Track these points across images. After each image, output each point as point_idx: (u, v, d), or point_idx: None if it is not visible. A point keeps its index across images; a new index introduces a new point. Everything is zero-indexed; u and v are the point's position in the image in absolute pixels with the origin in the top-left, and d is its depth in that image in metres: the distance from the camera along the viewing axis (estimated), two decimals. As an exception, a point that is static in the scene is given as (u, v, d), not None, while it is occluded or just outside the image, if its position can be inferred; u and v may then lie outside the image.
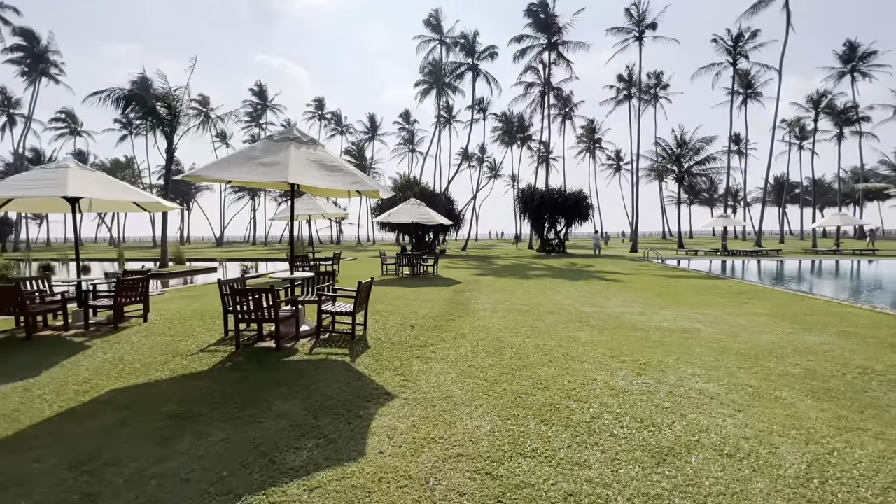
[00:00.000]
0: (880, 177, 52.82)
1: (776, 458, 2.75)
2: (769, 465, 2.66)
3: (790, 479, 2.51)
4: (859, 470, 2.62)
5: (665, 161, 40.42)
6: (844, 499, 2.34)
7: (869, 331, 6.15)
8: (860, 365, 4.63)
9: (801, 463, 2.70)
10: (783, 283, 13.10)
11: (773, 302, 8.72)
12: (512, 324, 6.87)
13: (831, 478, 2.53)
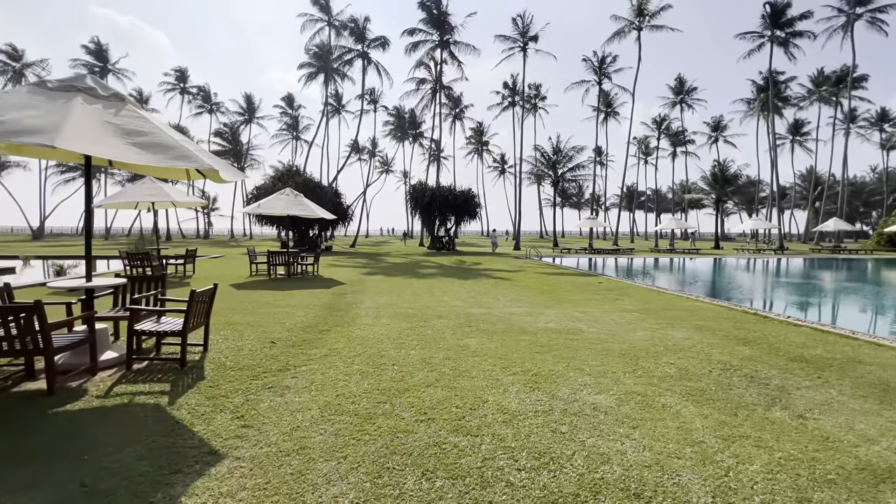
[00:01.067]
0: (699, 189, 65.42)
1: (682, 492, 2.42)
2: None
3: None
4: (758, 494, 2.42)
5: (543, 166, 43.98)
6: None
7: (715, 323, 6.85)
8: (719, 360, 4.92)
9: (706, 494, 2.41)
10: (642, 279, 14.77)
11: (638, 297, 9.49)
12: (396, 332, 6.08)
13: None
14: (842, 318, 9.00)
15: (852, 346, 5.55)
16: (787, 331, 6.35)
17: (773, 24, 38.00)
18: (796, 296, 12.20)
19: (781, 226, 42.46)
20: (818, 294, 12.87)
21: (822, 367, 4.68)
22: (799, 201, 68.29)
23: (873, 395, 3.93)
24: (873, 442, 3.06)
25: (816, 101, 52.11)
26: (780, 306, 10.18)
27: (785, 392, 3.98)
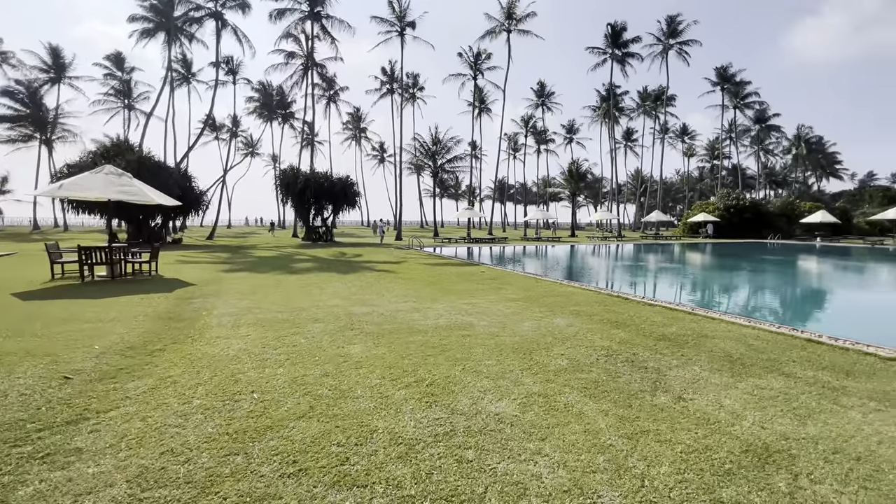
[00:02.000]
0: (558, 184, 73.86)
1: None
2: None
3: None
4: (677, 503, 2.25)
5: (423, 156, 44.30)
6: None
7: (589, 308, 7.29)
8: (602, 346, 5.07)
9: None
10: (518, 267, 15.60)
11: (518, 286, 9.78)
12: (260, 345, 4.94)
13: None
14: (679, 296, 10.63)
15: (696, 321, 6.36)
16: (647, 311, 7.05)
17: (614, 43, 44.32)
18: (641, 277, 14.23)
19: (620, 217, 50.54)
20: (656, 274, 15.24)
21: (681, 344, 5.15)
22: (629, 196, 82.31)
23: (725, 367, 4.37)
24: (741, 417, 3.27)
25: (642, 113, 62.91)
26: (633, 287, 11.63)
27: (661, 374, 4.17)
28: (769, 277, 14.46)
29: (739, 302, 10.09)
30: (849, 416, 3.29)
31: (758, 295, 11.14)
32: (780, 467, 2.59)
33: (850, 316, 9.03)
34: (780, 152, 70.88)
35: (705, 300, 10.10)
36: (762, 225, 40.55)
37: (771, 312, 8.88)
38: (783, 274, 15.54)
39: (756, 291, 11.68)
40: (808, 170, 71.52)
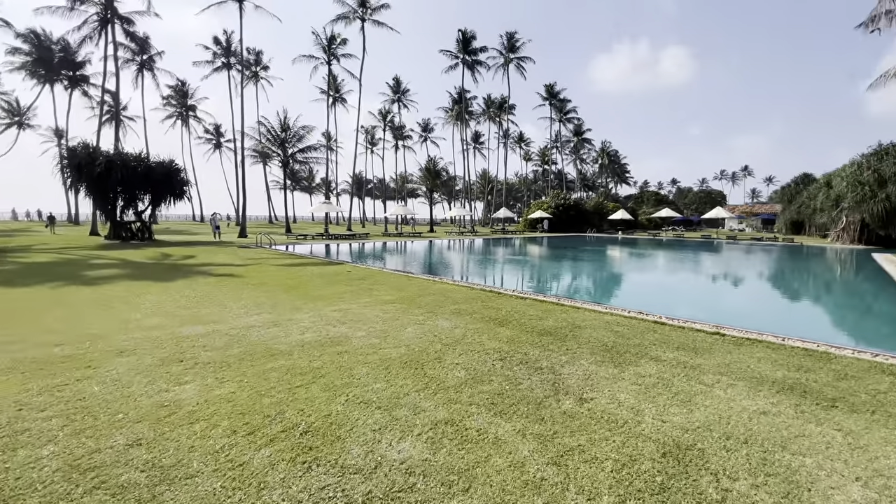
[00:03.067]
0: (415, 180, 75.47)
1: None
2: None
3: None
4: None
5: (270, 143, 39.64)
6: None
7: (468, 305, 7.08)
8: (493, 349, 4.78)
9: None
10: (385, 264, 14.89)
11: (391, 285, 9.11)
12: (13, 409, 3.14)
13: None
14: (541, 286, 11.43)
15: (565, 311, 6.69)
16: (521, 305, 7.18)
17: (465, 49, 47.00)
18: (504, 269, 15.08)
19: (473, 213, 54.27)
20: (516, 266, 16.39)
21: (562, 338, 5.22)
22: (479, 195, 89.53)
23: (606, 358, 4.51)
24: (640, 412, 3.25)
25: (487, 118, 68.68)
26: (501, 280, 12.12)
27: (556, 374, 4.04)
28: (598, 265, 17.02)
29: (588, 288, 11.41)
30: (715, 395, 3.58)
31: (598, 281, 12.85)
32: (699, 468, 2.53)
33: (667, 296, 11.01)
34: (590, 161, 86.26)
35: (563, 289, 11.10)
36: (582, 221, 48.55)
37: (615, 296, 10.22)
38: (605, 261, 18.53)
39: (596, 278, 13.48)
40: (609, 177, 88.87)
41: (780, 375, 4.04)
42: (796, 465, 2.56)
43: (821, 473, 2.48)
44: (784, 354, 4.67)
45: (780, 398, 3.53)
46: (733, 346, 4.95)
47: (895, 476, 2.46)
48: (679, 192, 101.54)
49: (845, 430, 3.00)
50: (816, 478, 2.44)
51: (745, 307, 9.74)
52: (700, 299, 10.56)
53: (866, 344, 5.73)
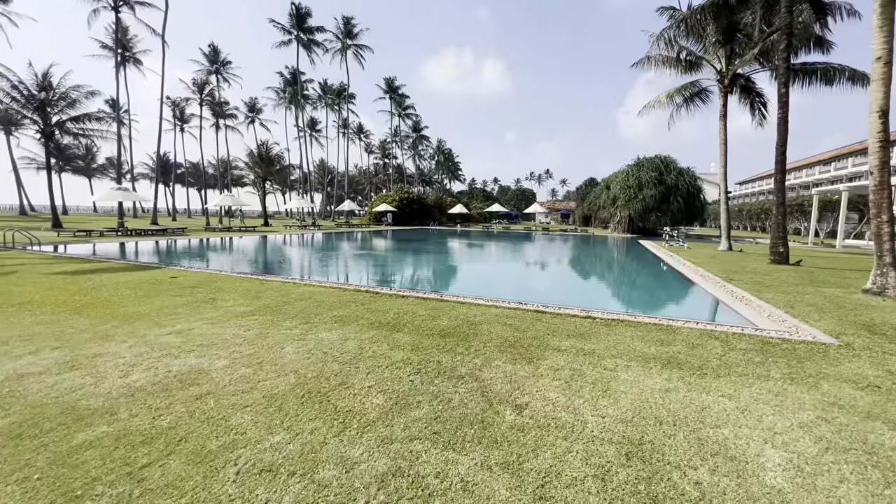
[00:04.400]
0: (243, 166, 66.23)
1: None
2: None
3: None
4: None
5: (19, 105, 28.73)
6: None
7: (348, 310, 6.21)
8: (401, 360, 4.18)
9: None
10: (222, 265, 12.29)
11: (239, 292, 7.43)
12: None
13: None
14: (413, 282, 11.05)
15: (454, 307, 6.49)
16: (405, 304, 6.68)
17: (299, 25, 43.01)
18: (367, 264, 14.20)
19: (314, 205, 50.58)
20: (377, 262, 15.64)
21: (467, 338, 4.97)
22: (317, 186, 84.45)
23: (516, 355, 4.42)
24: (579, 412, 3.19)
25: (325, 105, 64.95)
26: (368, 277, 11.28)
27: (479, 381, 3.73)
28: (455, 257, 17.75)
29: (460, 281, 11.60)
30: (623, 380, 3.82)
31: (465, 273, 13.27)
32: (664, 463, 2.53)
33: (523, 282, 12.02)
34: (428, 158, 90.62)
35: (435, 283, 10.99)
36: (424, 214, 50.57)
37: (487, 287, 10.62)
38: (460, 253, 19.52)
39: (460, 270, 13.90)
40: (444, 173, 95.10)
41: (654, 351, 4.62)
42: (722, 439, 2.82)
43: (740, 443, 2.77)
44: (643, 331, 5.42)
45: (668, 374, 3.98)
46: (606, 328, 5.52)
47: (785, 431, 2.93)
48: (501, 189, 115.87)
49: (726, 395, 3.52)
50: (743, 448, 2.71)
51: (584, 288, 11.40)
52: (553, 283, 11.93)
53: (671, 309, 7.24)
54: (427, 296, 7.32)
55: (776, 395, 3.55)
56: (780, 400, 3.44)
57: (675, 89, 20.88)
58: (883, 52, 7.69)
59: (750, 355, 4.54)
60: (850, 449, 2.72)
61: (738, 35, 17.46)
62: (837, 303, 7.38)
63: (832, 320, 6.16)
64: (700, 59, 18.74)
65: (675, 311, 8.09)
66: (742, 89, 19.24)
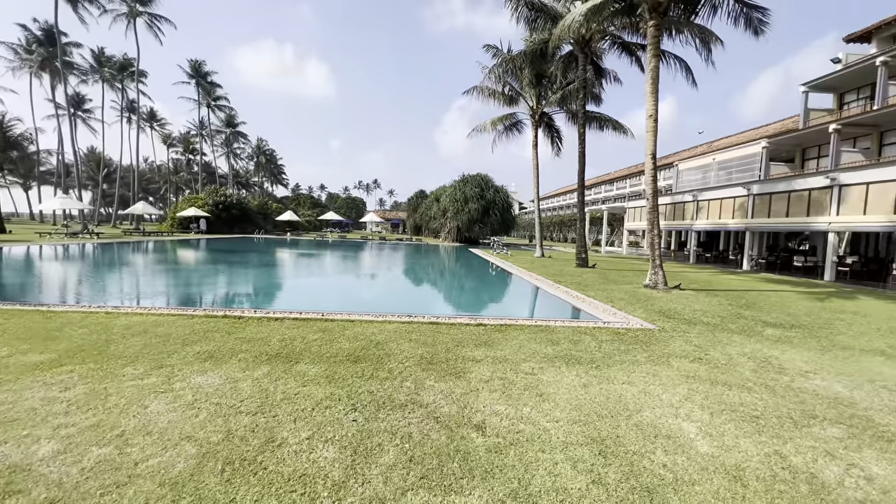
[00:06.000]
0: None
1: None
2: None
3: None
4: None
5: None
6: None
7: (214, 344, 4.91)
8: (328, 398, 3.54)
9: None
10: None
11: (14, 334, 5.05)
12: None
13: None
14: (267, 300, 9.44)
15: (343, 327, 5.87)
16: (285, 328, 5.70)
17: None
18: (199, 283, 11.48)
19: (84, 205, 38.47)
20: (208, 277, 12.82)
21: (379, 360, 4.56)
22: (87, 182, 65.15)
23: (441, 372, 4.29)
24: (534, 420, 3.30)
25: (102, 80, 50.82)
26: (214, 299, 9.14)
27: (425, 406, 3.47)
28: (300, 269, 16.14)
29: (322, 295, 10.51)
30: (549, 382, 4.13)
31: (323, 286, 12.10)
32: (632, 454, 2.82)
33: (384, 293, 11.71)
34: (245, 158, 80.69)
35: (296, 300, 9.68)
36: (246, 221, 44.75)
37: (351, 300, 9.89)
38: (304, 264, 17.87)
39: (316, 283, 12.64)
40: (265, 176, 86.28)
41: (551, 351, 5.16)
42: (650, 421, 3.33)
43: (662, 422, 3.33)
44: (531, 333, 6.00)
45: (574, 370, 4.49)
46: (500, 334, 5.90)
47: (680, 405, 3.65)
48: (330, 197, 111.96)
49: (625, 382, 4.19)
50: (668, 426, 3.25)
51: (451, 295, 11.91)
52: (421, 292, 12.03)
53: (531, 310, 8.30)
54: (306, 316, 6.43)
55: (654, 375, 4.41)
56: (658, 380, 4.29)
57: (498, 118, 24.14)
58: (652, 111, 10.61)
59: (616, 345, 5.53)
60: (723, 411, 3.58)
61: (544, 81, 21.38)
62: (635, 296, 9.72)
63: (642, 310, 8.07)
64: (519, 94, 22.18)
65: (538, 312, 9.25)
66: (546, 125, 23.59)
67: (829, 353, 5.54)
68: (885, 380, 4.58)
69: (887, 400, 3.99)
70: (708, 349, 5.52)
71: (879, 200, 14.36)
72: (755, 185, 19.80)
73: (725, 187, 22.13)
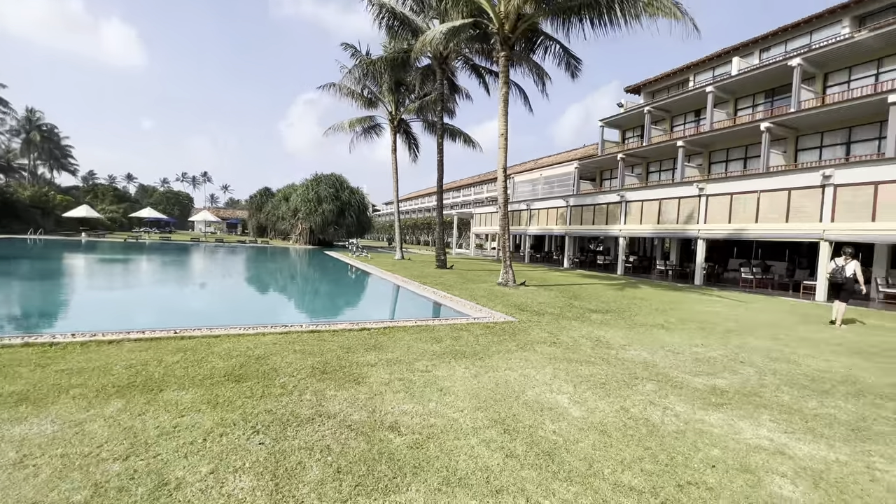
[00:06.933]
0: None
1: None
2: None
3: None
4: None
5: None
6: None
7: (33, 378, 3.70)
8: (214, 425, 3.11)
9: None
10: None
11: None
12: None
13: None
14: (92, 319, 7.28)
15: (206, 343, 5.12)
16: (132, 353, 4.65)
17: None
18: None
19: None
20: None
21: (267, 376, 4.18)
22: None
23: (343, 382, 4.20)
24: (446, 414, 3.56)
25: None
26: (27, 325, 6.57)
27: (334, 417, 3.40)
28: (125, 278, 13.00)
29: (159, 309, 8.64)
30: (443, 376, 4.45)
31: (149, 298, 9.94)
32: (530, 428, 3.30)
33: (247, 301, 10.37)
34: (7, 132, 60.33)
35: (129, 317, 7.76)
36: (12, 217, 33.67)
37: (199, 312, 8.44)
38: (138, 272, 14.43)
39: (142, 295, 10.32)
40: (41, 159, 66.09)
41: (437, 348, 5.52)
42: (534, 399, 3.93)
43: (544, 398, 3.97)
44: (414, 333, 6.27)
45: (463, 363, 4.93)
46: (385, 337, 6.01)
47: (552, 382, 4.38)
48: (143, 190, 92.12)
49: (507, 369, 4.80)
50: (549, 401, 3.89)
51: (316, 298, 11.23)
52: (282, 298, 10.98)
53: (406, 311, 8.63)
54: (155, 335, 5.36)
55: (526, 360, 5.16)
56: (530, 364, 5.05)
57: (357, 119, 23.89)
58: (503, 130, 12.13)
59: (490, 338, 6.23)
60: (581, 382, 4.46)
61: (402, 89, 22.08)
62: (493, 293, 10.97)
63: (501, 305, 9.18)
64: (378, 99, 22.35)
65: (415, 313, 9.55)
66: (405, 132, 24.36)
67: (634, 330, 7.33)
68: (669, 346, 6.33)
69: (673, 360, 5.55)
70: (558, 334, 6.69)
71: (649, 214, 19.33)
72: (571, 198, 24.32)
73: (550, 199, 26.54)
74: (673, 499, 2.47)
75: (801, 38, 20.35)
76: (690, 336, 7.07)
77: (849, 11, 18.56)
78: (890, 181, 11.79)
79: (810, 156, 18.59)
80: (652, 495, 2.49)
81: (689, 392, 4.32)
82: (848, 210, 12.56)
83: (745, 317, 9.40)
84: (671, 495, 2.50)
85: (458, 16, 12.41)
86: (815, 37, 19.74)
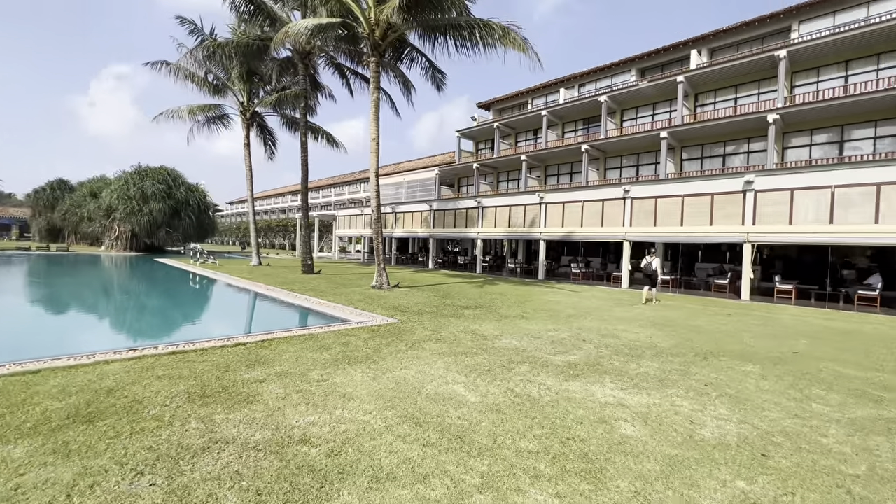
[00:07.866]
0: None
1: None
2: None
3: None
4: None
5: None
6: None
7: None
8: (77, 475, 2.55)
9: None
10: None
11: None
12: None
13: None
14: None
15: (31, 382, 4.00)
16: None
17: None
18: None
19: None
20: None
21: (130, 411, 3.54)
22: None
23: (233, 403, 3.83)
24: (356, 418, 3.61)
25: None
26: None
27: (237, 442, 3.14)
28: None
29: None
30: (342, 382, 4.44)
31: None
32: (435, 417, 3.59)
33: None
34: None
35: None
36: None
37: None
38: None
39: None
40: None
41: (328, 356, 5.40)
42: (434, 391, 4.24)
43: (443, 389, 4.32)
44: (297, 343, 5.99)
45: (360, 367, 4.96)
46: (267, 351, 5.60)
47: (446, 375, 4.76)
48: None
49: (402, 367, 5.01)
50: (449, 391, 4.25)
51: (172, 315, 9.43)
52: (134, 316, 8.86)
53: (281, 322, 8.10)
54: None
55: (418, 358, 5.46)
56: (423, 361, 5.36)
57: (199, 107, 20.83)
58: (375, 135, 12.24)
59: (378, 341, 6.34)
60: (470, 371, 4.96)
61: (256, 79, 20.15)
62: (369, 296, 10.99)
63: (380, 308, 9.31)
64: (227, 86, 19.91)
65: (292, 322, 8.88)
66: (259, 126, 22.25)
67: (502, 322, 8.34)
68: (531, 333, 7.42)
69: (536, 344, 6.56)
70: (439, 331, 7.19)
71: (501, 218, 21.81)
72: (434, 202, 25.73)
73: (415, 202, 27.56)
74: (560, 453, 3.07)
75: (605, 79, 25.69)
76: (545, 323, 8.40)
77: (634, 64, 24.25)
78: (665, 196, 15.90)
79: (615, 174, 23.67)
80: (545, 453, 3.05)
81: (553, 369, 5.23)
82: (642, 217, 16.46)
83: (579, 304, 11.52)
84: (559, 451, 3.10)
85: (326, 13, 12.05)
86: (615, 80, 25.19)
